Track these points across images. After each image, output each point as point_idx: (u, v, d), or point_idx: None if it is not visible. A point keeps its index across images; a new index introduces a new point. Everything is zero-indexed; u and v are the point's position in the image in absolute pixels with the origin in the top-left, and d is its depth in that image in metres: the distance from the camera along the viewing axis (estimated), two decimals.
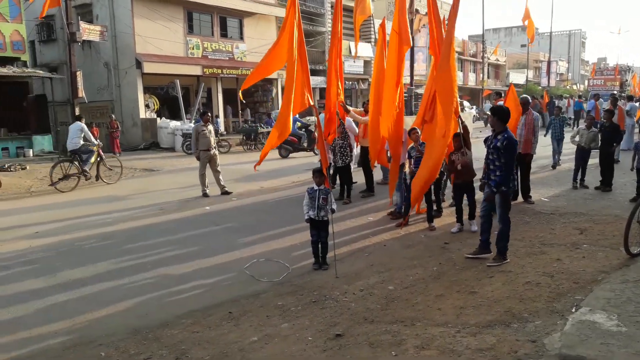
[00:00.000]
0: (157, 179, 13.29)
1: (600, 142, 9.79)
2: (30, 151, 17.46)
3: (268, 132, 19.68)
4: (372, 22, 29.76)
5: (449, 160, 7.41)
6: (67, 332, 4.56)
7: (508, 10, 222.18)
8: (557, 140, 12.34)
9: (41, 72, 19.59)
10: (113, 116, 19.72)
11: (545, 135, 12.54)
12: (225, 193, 10.50)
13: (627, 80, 50.09)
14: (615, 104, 12.28)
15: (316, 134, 9.67)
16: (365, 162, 9.73)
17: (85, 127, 12.52)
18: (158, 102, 22.16)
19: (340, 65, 9.08)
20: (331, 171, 9.23)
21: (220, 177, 10.59)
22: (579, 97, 30.98)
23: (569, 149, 12.27)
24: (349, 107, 9.61)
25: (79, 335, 4.49)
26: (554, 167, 12.41)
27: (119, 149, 19.06)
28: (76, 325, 4.70)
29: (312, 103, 6.98)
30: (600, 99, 21.68)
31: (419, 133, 7.61)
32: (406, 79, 20.03)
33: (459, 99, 7.69)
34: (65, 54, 19.59)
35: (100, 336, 4.46)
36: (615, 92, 32.87)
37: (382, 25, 8.98)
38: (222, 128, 22.98)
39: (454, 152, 7.25)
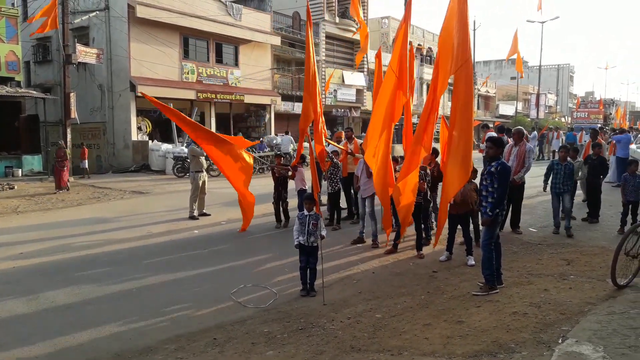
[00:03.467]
0: (146, 202, 13.21)
1: (587, 175, 9.93)
2: (20, 171, 17.36)
3: (260, 157, 19.78)
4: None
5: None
6: (48, 356, 4.47)
7: (498, 43, 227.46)
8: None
9: (35, 92, 19.64)
10: (61, 142, 15.88)
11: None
12: (203, 214, 10.77)
13: (610, 114, 51.13)
14: (595, 137, 11.97)
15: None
16: (348, 189, 9.83)
17: (292, 139, 20.80)
18: (150, 125, 22.20)
19: (317, 97, 8.97)
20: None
21: (205, 198, 11.02)
22: (572, 129, 31.37)
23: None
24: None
25: None
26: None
27: (66, 182, 14.65)
28: (57, 349, 4.60)
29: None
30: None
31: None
32: None
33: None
34: (59, 75, 19.70)
35: None
36: (599, 124, 33.45)
37: (378, 55, 9.15)
38: None
39: None
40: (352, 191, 9.74)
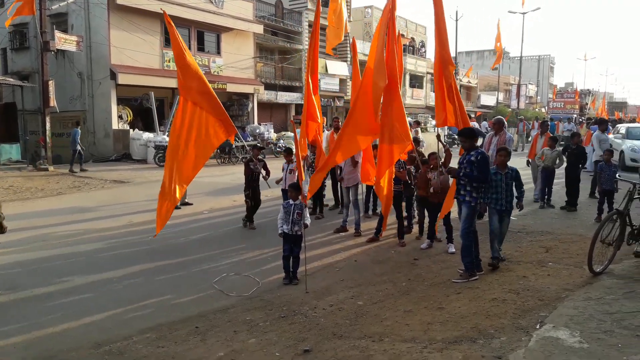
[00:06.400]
0: (128, 191, 13.06)
1: (566, 164, 10.08)
2: None
3: (242, 146, 19.55)
4: (347, 41, 30.26)
5: (423, 178, 7.43)
6: (26, 347, 4.41)
7: (480, 34, 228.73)
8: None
9: (12, 80, 19.20)
10: None
11: None
12: (185, 204, 10.65)
13: (586, 104, 51.84)
14: (545, 130, 11.09)
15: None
16: (333, 178, 9.90)
17: None
18: (131, 114, 21.87)
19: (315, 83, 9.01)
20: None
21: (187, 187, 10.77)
22: (551, 119, 31.80)
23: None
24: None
25: (39, 350, 4.35)
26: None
27: None
28: (36, 339, 4.54)
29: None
30: (566, 123, 22.34)
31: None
32: None
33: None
34: (37, 63, 19.24)
35: (61, 350, 4.32)
36: (575, 115, 33.79)
37: (353, 45, 9.22)
38: None
39: (431, 171, 7.31)
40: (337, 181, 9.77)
